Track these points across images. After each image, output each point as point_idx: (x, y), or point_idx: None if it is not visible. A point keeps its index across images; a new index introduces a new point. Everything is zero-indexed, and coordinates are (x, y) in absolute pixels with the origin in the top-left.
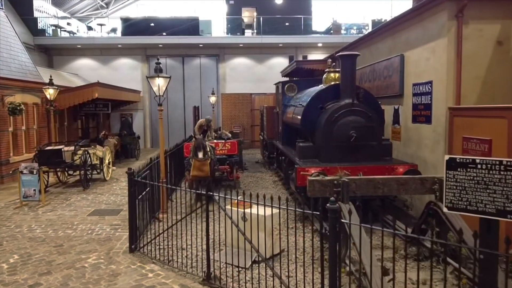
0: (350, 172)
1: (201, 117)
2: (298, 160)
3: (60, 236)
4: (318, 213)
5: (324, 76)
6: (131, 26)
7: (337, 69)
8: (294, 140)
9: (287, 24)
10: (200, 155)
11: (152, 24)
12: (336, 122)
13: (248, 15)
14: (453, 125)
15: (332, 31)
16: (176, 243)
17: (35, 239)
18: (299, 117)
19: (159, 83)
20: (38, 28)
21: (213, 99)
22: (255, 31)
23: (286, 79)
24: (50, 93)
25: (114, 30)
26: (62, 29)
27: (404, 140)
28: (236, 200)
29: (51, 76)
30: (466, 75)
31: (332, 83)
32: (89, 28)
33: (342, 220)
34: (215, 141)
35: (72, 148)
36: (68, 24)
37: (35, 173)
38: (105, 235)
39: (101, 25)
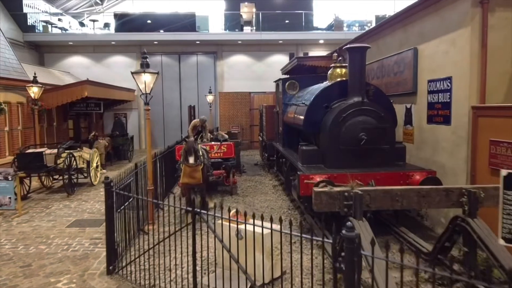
0: (360, 180)
1: (197, 117)
2: (301, 165)
3: (30, 254)
4: (330, 241)
5: (329, 72)
6: (125, 23)
7: (344, 64)
8: (296, 142)
9: (287, 21)
10: (191, 160)
11: (149, 21)
12: (344, 123)
13: (247, 11)
14: (478, 127)
15: (334, 28)
16: (162, 262)
17: (1, 257)
18: (302, 117)
19: (146, 80)
20: (28, 24)
21: (210, 98)
22: (254, 27)
23: (287, 77)
24: (34, 91)
25: (107, 25)
26: (53, 25)
27: (418, 142)
28: (231, 213)
29: (35, 74)
30: (492, 69)
31: (338, 79)
32: (81, 24)
33: (363, 253)
34: (210, 143)
35: (55, 150)
36: (59, 20)
37: (10, 179)
38: (82, 251)
39: (93, 21)
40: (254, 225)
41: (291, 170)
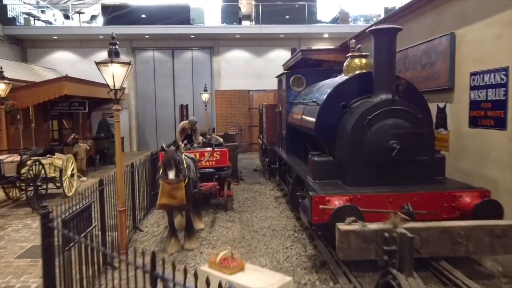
0: (392, 202)
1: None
2: (312, 181)
3: None
4: None
5: (345, 64)
6: (114, 15)
7: (364, 53)
8: (303, 148)
9: (287, 17)
10: (171, 175)
11: (140, 14)
12: (369, 127)
13: (245, 3)
14: None
15: (339, 21)
16: None
17: None
18: (312, 119)
19: (115, 72)
20: (9, 16)
21: (205, 96)
22: (253, 21)
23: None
24: (0, 88)
25: (94, 18)
26: (36, 18)
27: (455, 150)
28: (219, 257)
29: (1, 68)
30: None
31: (357, 72)
32: (66, 17)
33: None
34: (200, 149)
35: (18, 158)
36: (42, 12)
37: None
38: None
39: (79, 13)
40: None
41: (297, 184)
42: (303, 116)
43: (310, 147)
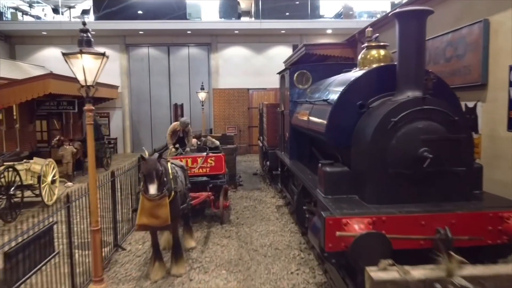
0: (425, 225)
1: (190, 119)
2: (324, 196)
3: None
4: None
5: (360, 56)
6: (106, 9)
7: (383, 43)
8: (308, 153)
9: (287, 14)
10: (153, 189)
11: (136, 10)
12: (395, 132)
13: None
14: None
15: (343, 16)
16: None
17: None
18: (322, 121)
19: (86, 66)
20: None
21: (202, 95)
22: (253, 17)
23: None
24: None
25: (85, 12)
26: (24, 13)
27: (488, 157)
28: None
29: None
30: None
31: (375, 65)
32: (56, 11)
33: None
34: (192, 154)
35: None
36: (30, 6)
37: None
38: None
39: (69, 7)
40: None
41: (304, 196)
42: (311, 118)
43: (318, 153)
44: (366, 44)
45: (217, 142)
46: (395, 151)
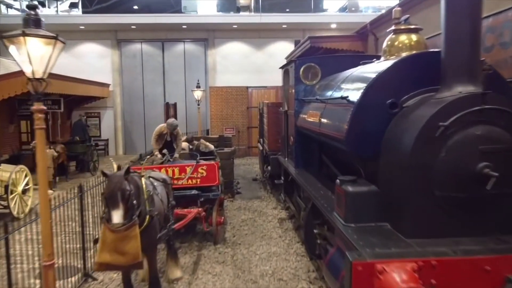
0: (493, 271)
1: (186, 119)
2: (344, 223)
3: None
4: None
5: (386, 43)
6: (97, 6)
7: (414, 26)
8: (318, 161)
9: (287, 10)
10: (117, 217)
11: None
12: (444, 140)
13: None
14: None
15: (347, 10)
16: None
17: None
18: (342, 125)
19: (32, 52)
20: None
21: (198, 93)
22: (252, 11)
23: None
24: None
25: (74, 5)
26: (8, 6)
27: None
28: None
29: None
30: None
31: (404, 54)
32: (42, 4)
33: None
34: (179, 162)
35: None
36: None
37: None
38: None
39: (57, 0)
40: None
41: (314, 216)
42: (323, 120)
43: (330, 162)
44: (393, 28)
45: (212, 146)
46: (445, 166)
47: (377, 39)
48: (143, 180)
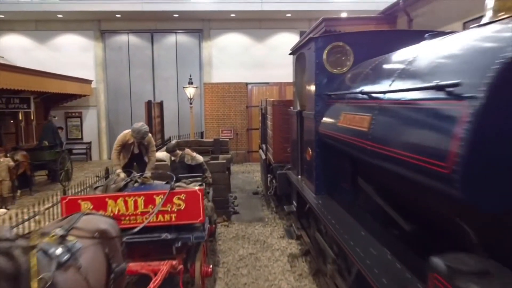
0: None
1: (178, 120)
2: None
3: None
4: None
5: (492, 2)
6: None
7: None
8: (350, 186)
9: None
10: None
11: None
12: None
13: None
14: None
15: None
16: None
17: None
18: (441, 143)
19: None
20: None
21: (190, 91)
22: None
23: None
24: None
25: None
26: None
27: None
28: None
29: None
30: None
31: None
32: None
33: None
34: (149, 187)
35: None
36: None
37: None
38: None
39: None
40: None
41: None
42: (377, 129)
43: (379, 195)
44: None
45: (200, 158)
46: None
47: (411, 20)
48: (32, 256)
